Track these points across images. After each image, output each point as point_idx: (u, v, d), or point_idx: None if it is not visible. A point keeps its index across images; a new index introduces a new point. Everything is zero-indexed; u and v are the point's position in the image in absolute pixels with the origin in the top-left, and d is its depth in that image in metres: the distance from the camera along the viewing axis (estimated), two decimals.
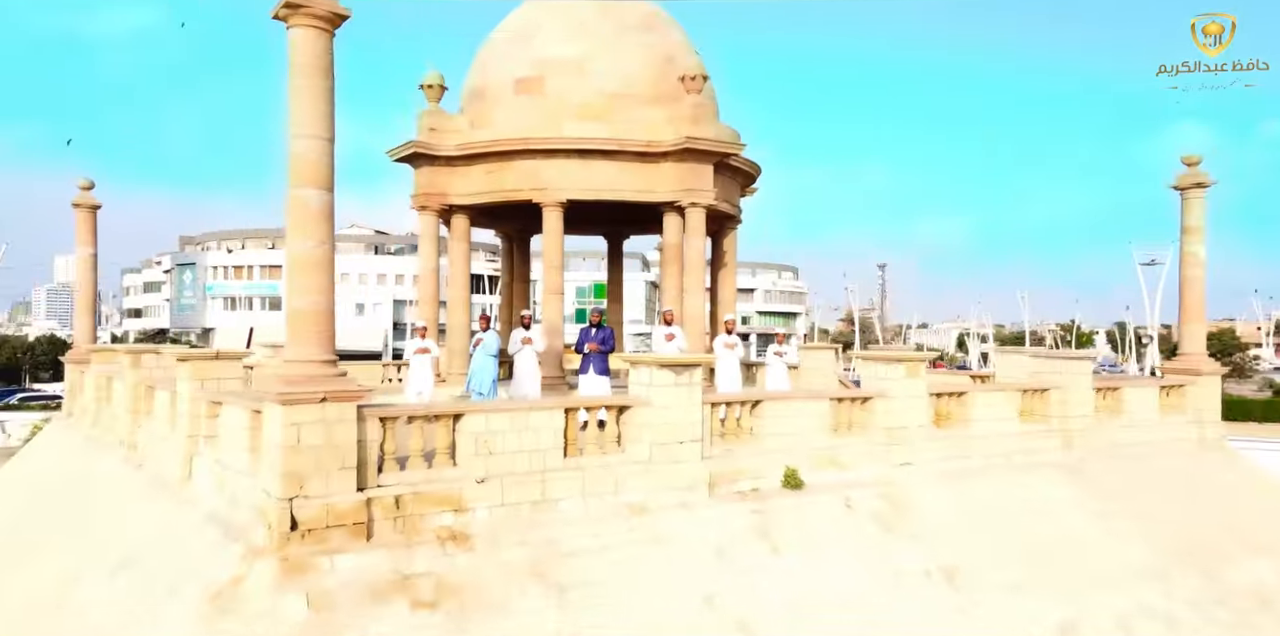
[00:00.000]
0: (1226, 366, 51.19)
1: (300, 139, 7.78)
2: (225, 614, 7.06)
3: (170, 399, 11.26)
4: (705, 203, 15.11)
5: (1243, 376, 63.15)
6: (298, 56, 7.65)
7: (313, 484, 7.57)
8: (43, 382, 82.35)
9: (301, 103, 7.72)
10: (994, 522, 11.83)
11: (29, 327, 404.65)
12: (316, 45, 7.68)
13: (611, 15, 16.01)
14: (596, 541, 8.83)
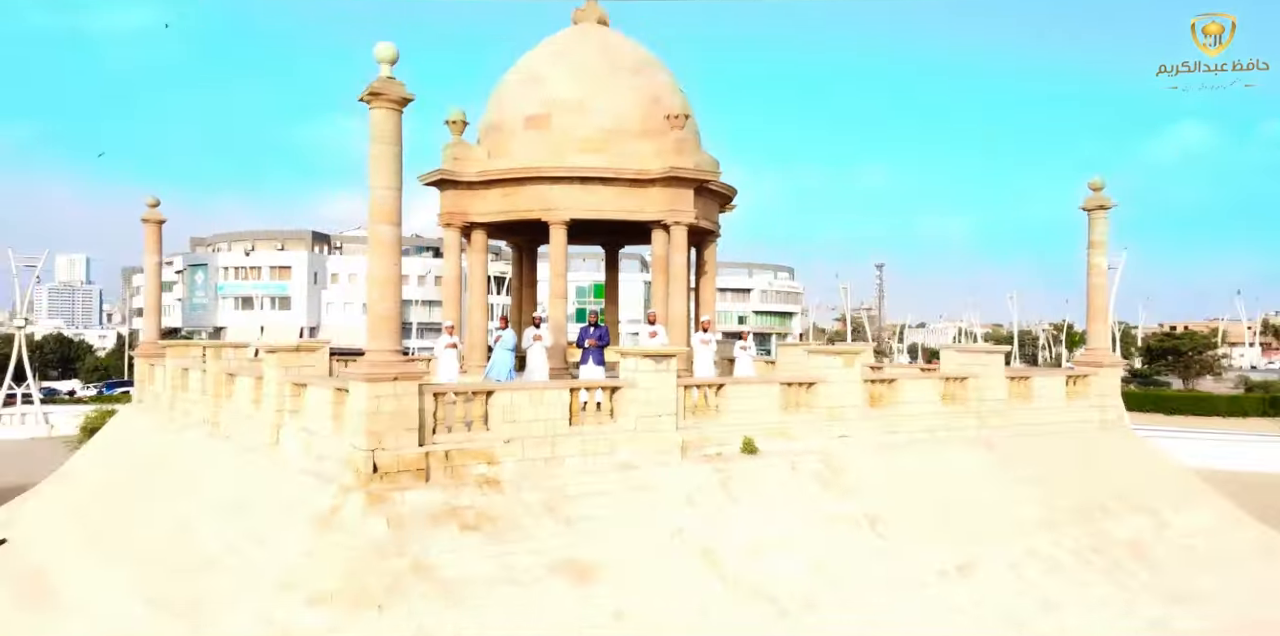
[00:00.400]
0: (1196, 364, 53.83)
1: (378, 189, 10.60)
2: (330, 530, 9.87)
3: (253, 383, 14.08)
4: (687, 221, 17.89)
5: (1212, 374, 65.97)
6: (376, 130, 10.47)
7: (387, 440, 10.37)
8: (51, 380, 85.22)
9: (379, 163, 10.53)
10: (914, 484, 14.62)
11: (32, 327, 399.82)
12: (390, 121, 10.50)
13: (608, 60, 18.79)
14: (594, 488, 11.64)
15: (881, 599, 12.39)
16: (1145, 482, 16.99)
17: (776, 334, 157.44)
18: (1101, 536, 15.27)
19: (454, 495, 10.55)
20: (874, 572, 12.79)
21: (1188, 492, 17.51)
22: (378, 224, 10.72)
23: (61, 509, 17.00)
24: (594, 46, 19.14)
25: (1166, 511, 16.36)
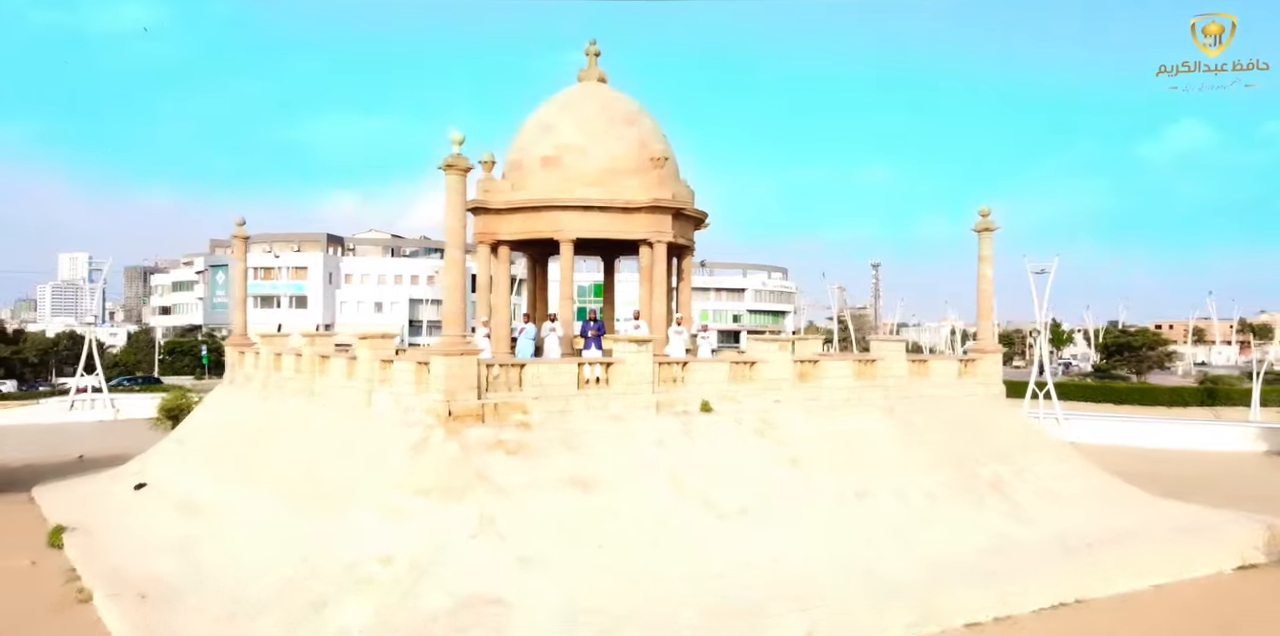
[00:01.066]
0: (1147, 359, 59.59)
1: (450, 227, 15.76)
2: (422, 453, 15.04)
3: (347, 362, 19.23)
4: (666, 239, 23.01)
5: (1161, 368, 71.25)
6: (449, 189, 15.64)
7: (457, 395, 15.52)
8: (66, 376, 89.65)
9: (451, 209, 15.70)
10: (828, 436, 19.75)
11: (33, 325, 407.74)
12: (459, 184, 15.67)
13: (606, 113, 23.91)
14: (594, 431, 16.79)
15: (796, 512, 17.53)
16: (1012, 441, 22.16)
17: (770, 331, 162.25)
18: (971, 477, 20.41)
19: (500, 432, 15.71)
20: (793, 495, 17.93)
21: (1046, 449, 22.70)
22: (451, 248, 15.90)
23: (190, 459, 22.17)
24: (595, 102, 24.26)
25: (1025, 461, 21.52)
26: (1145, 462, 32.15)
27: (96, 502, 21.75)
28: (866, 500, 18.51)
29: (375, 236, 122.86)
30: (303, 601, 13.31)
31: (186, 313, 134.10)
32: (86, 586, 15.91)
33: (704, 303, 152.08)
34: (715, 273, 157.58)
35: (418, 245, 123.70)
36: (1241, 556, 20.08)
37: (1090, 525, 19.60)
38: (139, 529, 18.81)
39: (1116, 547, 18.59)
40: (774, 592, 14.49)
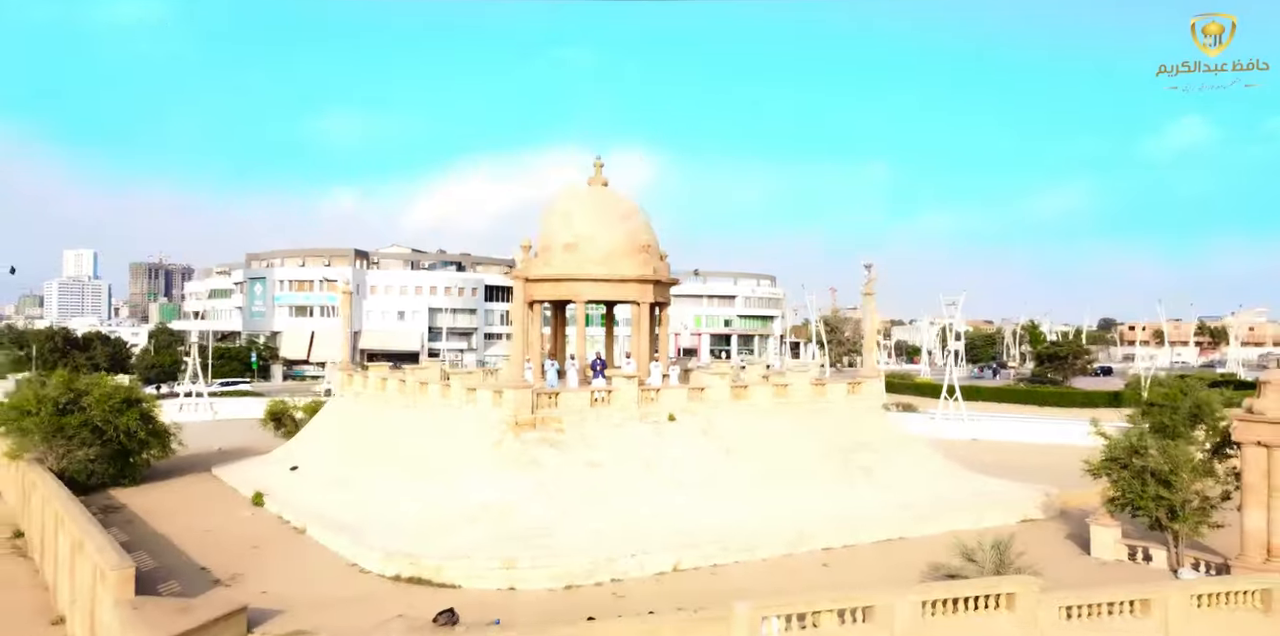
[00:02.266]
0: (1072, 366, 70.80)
1: (516, 310, 26.02)
2: (499, 447, 25.40)
3: (440, 386, 29.52)
4: (648, 301, 33.26)
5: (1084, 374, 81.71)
6: (516, 285, 25.91)
7: (520, 412, 25.83)
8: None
9: (516, 301, 25.99)
10: (752, 435, 29.94)
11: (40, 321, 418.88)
12: (522, 285, 25.94)
13: (608, 211, 34.11)
14: (600, 433, 27.10)
15: (729, 485, 27.77)
16: (880, 439, 32.41)
17: (759, 335, 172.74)
18: (848, 463, 30.64)
19: (545, 434, 26.03)
20: (726, 474, 28.15)
21: (904, 444, 32.99)
22: (517, 323, 26.18)
23: (326, 450, 32.47)
24: (600, 202, 34.50)
25: (887, 453, 31.78)
26: (1004, 453, 42.50)
27: (267, 478, 32.07)
28: (774, 477, 28.74)
29: (397, 251, 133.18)
30: (436, 527, 23.58)
31: (221, 318, 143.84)
32: (297, 525, 26.25)
33: (697, 308, 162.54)
34: (708, 280, 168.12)
35: (435, 258, 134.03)
36: (1023, 513, 30.42)
37: (922, 494, 29.85)
38: (309, 494, 29.11)
39: (934, 507, 28.83)
40: (704, 529, 24.79)
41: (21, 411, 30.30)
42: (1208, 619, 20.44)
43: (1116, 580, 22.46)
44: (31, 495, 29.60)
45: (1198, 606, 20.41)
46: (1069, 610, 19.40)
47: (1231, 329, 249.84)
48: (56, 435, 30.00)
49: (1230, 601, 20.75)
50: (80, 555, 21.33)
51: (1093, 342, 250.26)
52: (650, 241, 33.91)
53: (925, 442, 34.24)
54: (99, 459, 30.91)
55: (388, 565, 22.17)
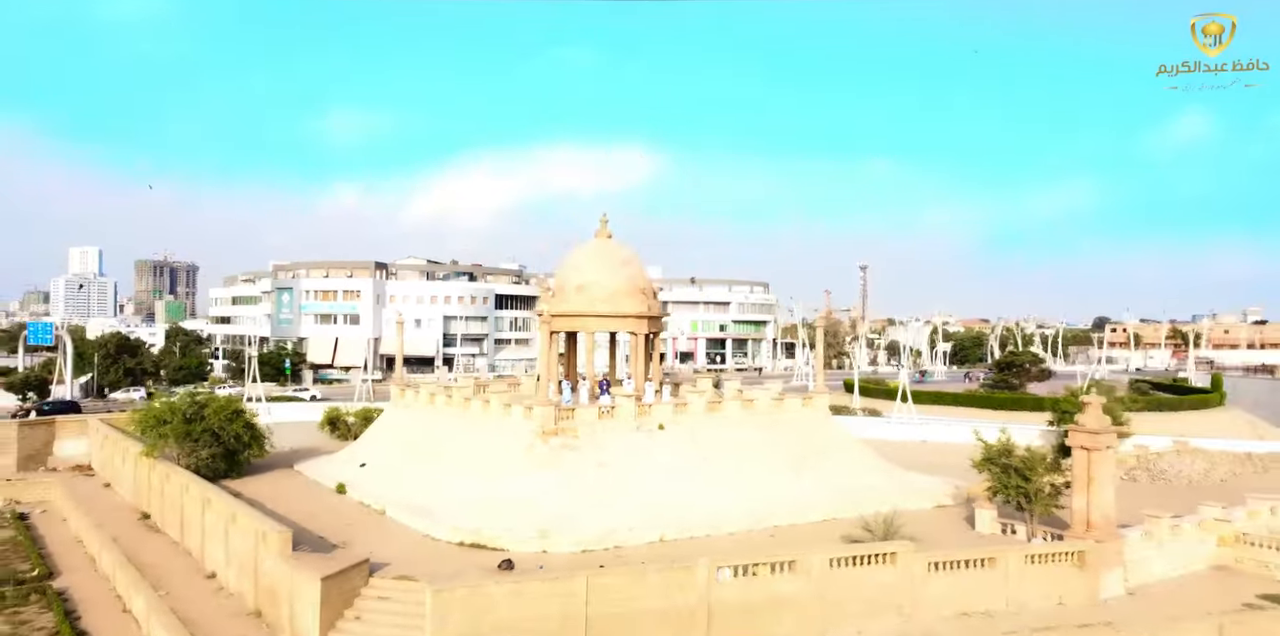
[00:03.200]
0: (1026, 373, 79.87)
1: (542, 344, 34.18)
2: (531, 451, 33.61)
3: (482, 403, 37.70)
4: (643, 331, 41.43)
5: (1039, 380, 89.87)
6: (542, 328, 34.07)
7: (546, 424, 33.99)
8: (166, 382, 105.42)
9: (543, 338, 34.16)
10: (725, 442, 38.03)
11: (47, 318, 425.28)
12: (547, 330, 34.11)
13: (612, 260, 42.26)
14: (606, 440, 35.27)
15: (704, 479, 35.86)
16: (827, 443, 40.54)
17: (753, 339, 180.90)
18: (801, 462, 38.73)
19: (565, 440, 34.21)
20: (702, 470, 36.25)
21: (847, 447, 41.14)
22: (544, 356, 34.36)
23: (388, 450, 40.62)
24: (605, 252, 42.65)
25: (832, 454, 39.89)
26: (944, 454, 50.45)
27: (342, 473, 40.23)
28: (739, 473, 36.87)
29: (413, 262, 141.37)
30: (487, 509, 31.73)
31: (245, 324, 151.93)
32: (377, 508, 34.44)
33: (694, 314, 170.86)
34: (704, 288, 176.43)
35: (449, 269, 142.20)
36: (937, 500, 38.60)
37: (857, 485, 37.96)
38: (379, 485, 37.25)
39: (864, 495, 36.91)
40: (684, 511, 32.93)
41: (159, 420, 38.57)
42: (1037, 571, 28.72)
43: (983, 545, 30.60)
44: (165, 485, 37.81)
45: (1029, 563, 28.65)
46: (935, 564, 27.60)
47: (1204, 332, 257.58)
48: (185, 438, 38.23)
49: (1054, 560, 29.00)
50: (234, 525, 29.56)
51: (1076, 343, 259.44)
52: (645, 285, 42.09)
53: (863, 445, 42.40)
54: (214, 457, 39.18)
55: (454, 535, 30.40)
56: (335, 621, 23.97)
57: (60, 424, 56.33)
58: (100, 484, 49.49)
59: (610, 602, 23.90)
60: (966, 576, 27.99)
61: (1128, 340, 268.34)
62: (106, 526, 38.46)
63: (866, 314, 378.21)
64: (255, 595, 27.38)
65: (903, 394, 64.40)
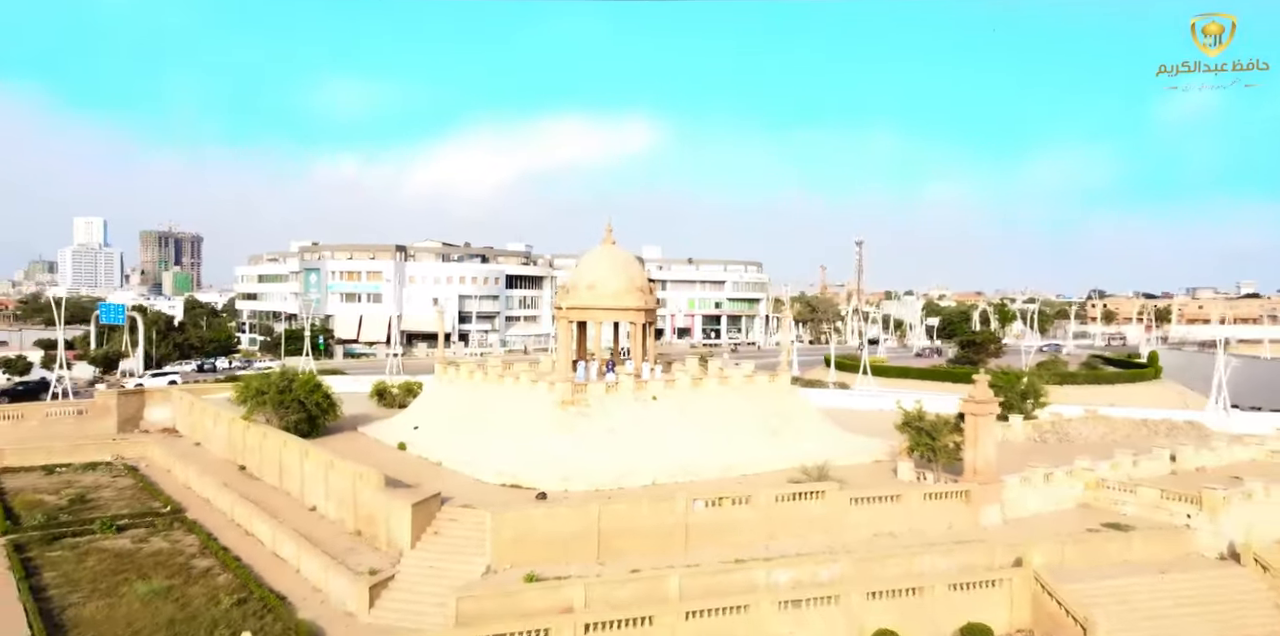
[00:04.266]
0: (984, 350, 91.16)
1: (561, 333, 43.38)
2: (553, 417, 43.01)
3: (514, 378, 47.05)
4: (640, 322, 50.63)
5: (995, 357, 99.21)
6: (560, 322, 43.24)
7: (565, 395, 43.31)
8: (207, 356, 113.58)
9: (561, 328, 43.34)
10: (706, 409, 47.33)
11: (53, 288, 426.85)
12: (568, 324, 43.29)
13: (615, 262, 51.35)
14: (612, 408, 44.62)
15: (688, 438, 45.22)
16: (790, 410, 49.87)
17: (746, 316, 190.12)
18: (766, 425, 48.07)
19: (579, 409, 43.56)
20: (686, 432, 45.62)
21: (806, 414, 50.52)
22: (562, 340, 43.59)
23: (436, 417, 50.00)
24: (610, 256, 51.73)
25: (793, 419, 49.23)
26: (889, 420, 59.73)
27: (399, 434, 49.59)
28: (718, 434, 46.18)
29: (430, 244, 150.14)
30: (522, 461, 41.13)
31: (271, 301, 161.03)
32: (433, 460, 43.88)
33: (691, 292, 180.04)
34: (700, 267, 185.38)
35: (463, 251, 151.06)
36: (874, 456, 48.03)
37: (811, 446, 47.29)
38: (432, 444, 46.63)
39: (815, 451, 46.23)
40: (672, 463, 42.33)
41: (258, 391, 47.99)
42: (933, 505, 38.19)
43: (894, 486, 39.96)
44: (262, 442, 47.27)
45: (927, 499, 38.11)
46: (854, 499, 37.06)
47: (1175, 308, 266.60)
48: (279, 406, 47.64)
49: (946, 497, 38.47)
50: (333, 470, 39.02)
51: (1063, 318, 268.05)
52: (642, 283, 51.18)
53: (818, 412, 51.76)
54: (300, 421, 48.58)
55: (497, 479, 39.88)
56: (420, 535, 33.47)
57: (149, 393, 65.81)
58: (190, 443, 59.09)
59: (616, 522, 33.41)
60: (879, 508, 37.46)
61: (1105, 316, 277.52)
62: (211, 475, 48.01)
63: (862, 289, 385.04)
64: (354, 520, 36.92)
65: (864, 369, 73.62)
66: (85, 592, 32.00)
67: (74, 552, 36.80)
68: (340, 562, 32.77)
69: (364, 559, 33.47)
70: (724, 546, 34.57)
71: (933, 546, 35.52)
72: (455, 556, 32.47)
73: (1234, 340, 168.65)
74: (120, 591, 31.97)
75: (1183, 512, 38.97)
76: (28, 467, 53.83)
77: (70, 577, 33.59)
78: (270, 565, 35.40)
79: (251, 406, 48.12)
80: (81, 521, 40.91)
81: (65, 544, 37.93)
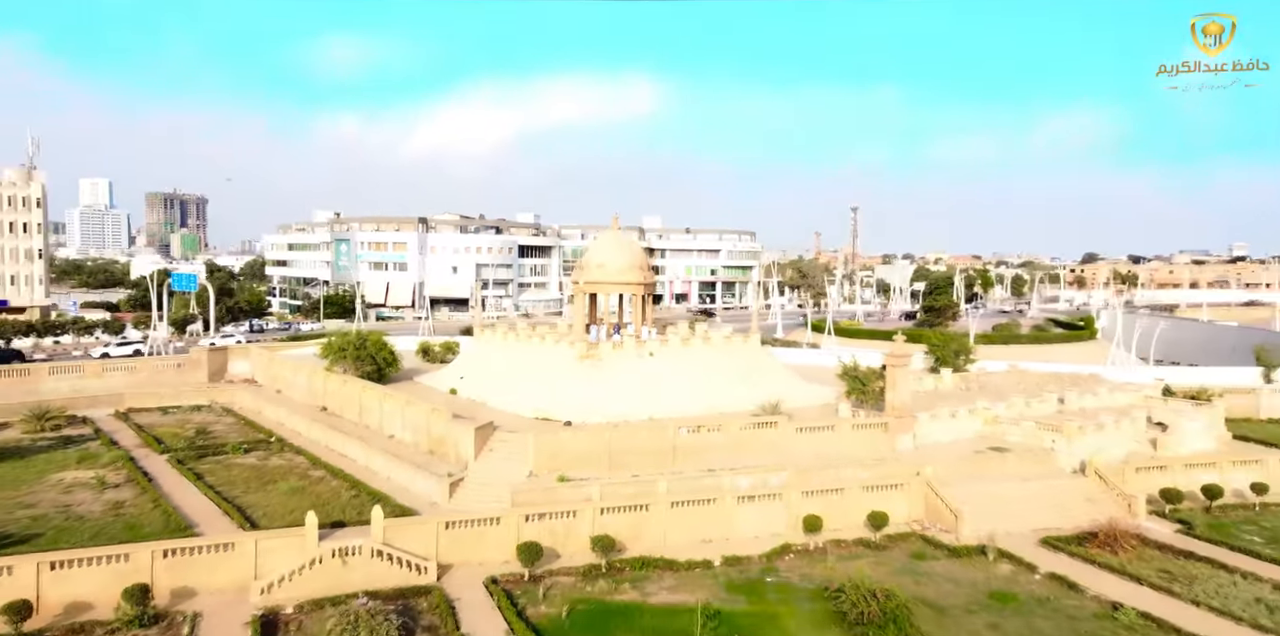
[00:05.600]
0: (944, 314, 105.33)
1: (577, 305, 54.96)
2: (576, 368, 54.83)
3: (540, 338, 58.79)
4: (640, 294, 62.18)
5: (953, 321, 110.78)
6: (577, 294, 54.77)
7: (583, 351, 55.01)
8: (250, 317, 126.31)
9: (577, 296, 54.92)
10: (696, 362, 59.05)
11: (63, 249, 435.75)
12: (584, 296, 54.82)
13: (620, 243, 62.77)
14: (619, 362, 56.40)
15: (678, 385, 57.00)
16: (762, 364, 61.67)
17: (739, 282, 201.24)
18: (740, 376, 59.84)
19: (594, 363, 55.36)
20: (677, 380, 57.42)
21: (774, 367, 62.32)
22: (578, 307, 55.18)
23: (479, 368, 61.81)
24: (617, 240, 63.16)
25: (765, 371, 60.98)
26: None
27: (448, 382, 61.41)
28: (701, 381, 57.96)
29: (449, 217, 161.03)
30: (550, 400, 52.99)
31: (302, 268, 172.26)
32: (479, 400, 55.76)
33: (688, 260, 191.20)
34: (697, 237, 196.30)
35: (479, 224, 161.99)
36: (825, 400, 59.91)
37: (773, 390, 59.04)
38: (476, 388, 58.47)
39: (779, 395, 57.98)
40: (665, 403, 54.17)
41: (339, 348, 59.85)
42: (860, 434, 50.13)
43: (831, 420, 51.73)
44: (343, 387, 59.12)
45: (854, 430, 50.05)
46: (799, 429, 48.99)
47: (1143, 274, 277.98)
48: (355, 360, 59.46)
49: (870, 428, 50.39)
50: (410, 406, 50.93)
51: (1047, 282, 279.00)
52: (642, 262, 62.59)
53: (783, 366, 63.50)
54: (370, 372, 60.41)
55: (532, 413, 51.78)
56: (480, 451, 45.37)
57: (231, 350, 77.68)
58: (271, 390, 71.00)
59: (622, 443, 45.32)
60: (818, 435, 49.33)
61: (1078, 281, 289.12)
62: (298, 414, 59.93)
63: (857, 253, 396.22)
64: (428, 443, 48.90)
65: (829, 331, 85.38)
66: (241, 489, 44.04)
67: (219, 465, 48.84)
68: (424, 469, 44.76)
69: (439, 468, 45.40)
70: (701, 461, 46.41)
71: (856, 462, 47.40)
72: (506, 465, 44.39)
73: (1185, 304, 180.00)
74: (267, 489, 44.05)
75: (1049, 439, 50.86)
76: (147, 408, 65.89)
77: (226, 480, 45.61)
78: (365, 475, 47.40)
79: (333, 360, 59.95)
80: (214, 446, 52.96)
81: (209, 460, 49.93)
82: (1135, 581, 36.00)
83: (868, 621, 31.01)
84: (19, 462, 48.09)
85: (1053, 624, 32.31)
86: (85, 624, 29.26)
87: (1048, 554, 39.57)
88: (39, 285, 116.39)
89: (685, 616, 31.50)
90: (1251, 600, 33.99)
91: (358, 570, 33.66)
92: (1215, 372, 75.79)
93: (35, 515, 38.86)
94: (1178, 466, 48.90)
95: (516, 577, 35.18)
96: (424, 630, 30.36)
